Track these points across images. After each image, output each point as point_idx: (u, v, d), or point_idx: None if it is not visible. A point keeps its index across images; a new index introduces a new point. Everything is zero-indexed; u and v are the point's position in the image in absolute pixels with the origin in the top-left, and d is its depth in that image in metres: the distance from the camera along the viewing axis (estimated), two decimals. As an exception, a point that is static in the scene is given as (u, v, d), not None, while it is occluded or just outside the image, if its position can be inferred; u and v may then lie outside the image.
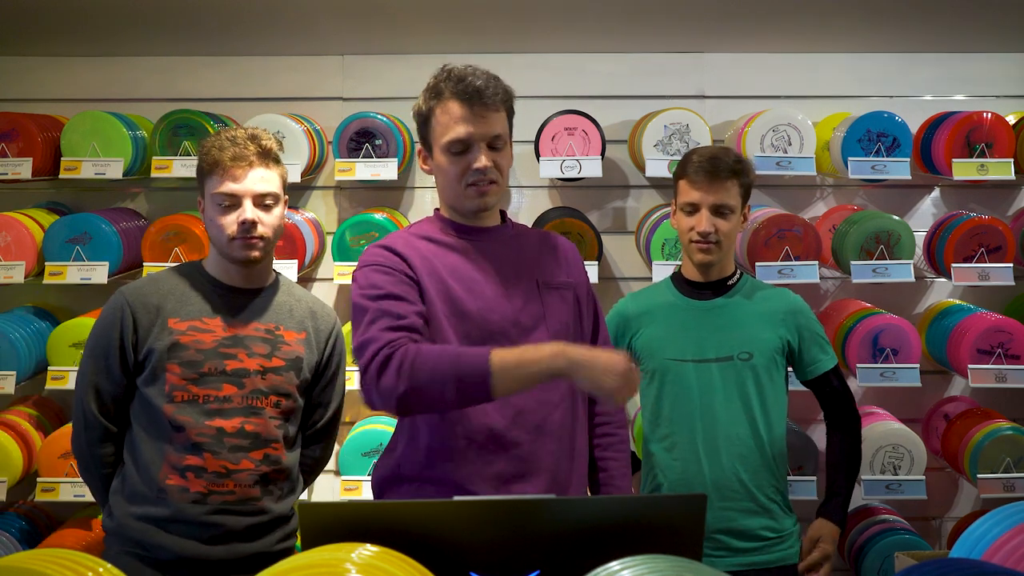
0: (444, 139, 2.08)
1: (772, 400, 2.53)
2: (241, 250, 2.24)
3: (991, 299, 3.58)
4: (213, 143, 2.25)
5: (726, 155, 2.53)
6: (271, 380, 2.25)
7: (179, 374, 2.20)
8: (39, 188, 3.61)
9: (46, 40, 3.53)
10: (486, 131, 2.08)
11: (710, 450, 2.49)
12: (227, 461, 2.19)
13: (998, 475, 3.19)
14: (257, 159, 2.24)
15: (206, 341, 2.23)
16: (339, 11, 3.21)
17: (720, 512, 2.46)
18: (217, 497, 2.19)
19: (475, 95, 2.06)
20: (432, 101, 2.11)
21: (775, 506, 2.52)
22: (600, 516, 1.49)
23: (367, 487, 3.19)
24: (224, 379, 2.21)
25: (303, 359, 2.32)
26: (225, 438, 2.19)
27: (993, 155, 3.28)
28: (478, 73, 2.09)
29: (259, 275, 2.33)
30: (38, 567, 1.21)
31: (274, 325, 2.30)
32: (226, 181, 2.22)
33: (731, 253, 2.61)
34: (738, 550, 2.48)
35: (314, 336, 2.36)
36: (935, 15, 3.30)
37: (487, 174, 2.09)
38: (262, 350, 2.26)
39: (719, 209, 2.50)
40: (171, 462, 2.19)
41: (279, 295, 2.36)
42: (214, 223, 2.25)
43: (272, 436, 2.25)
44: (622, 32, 3.47)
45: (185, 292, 2.28)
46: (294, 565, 1.19)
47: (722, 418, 2.49)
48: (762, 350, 2.53)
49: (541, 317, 2.13)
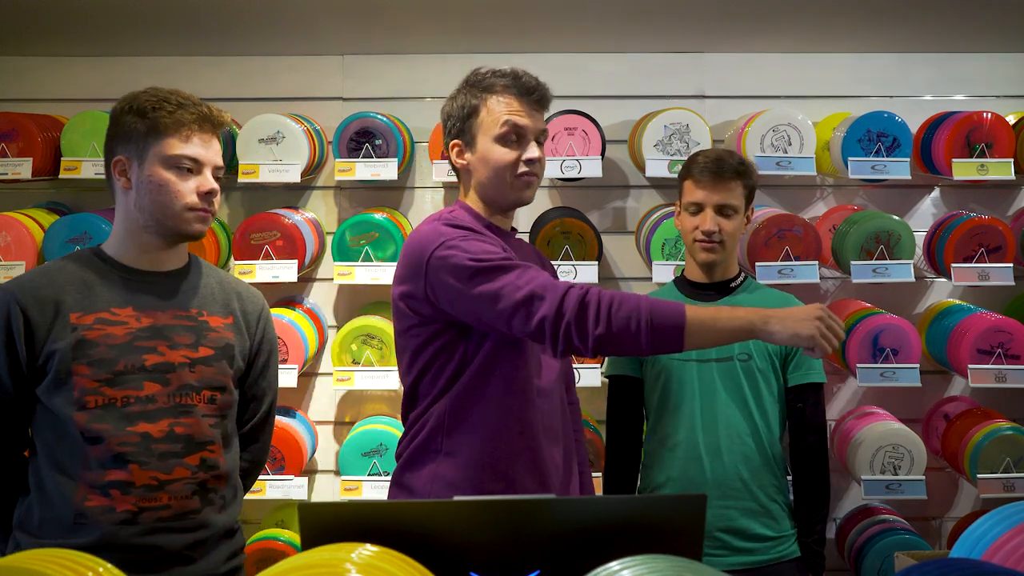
0: (500, 129, 2.14)
1: (769, 402, 2.54)
2: (196, 223, 1.99)
3: (991, 299, 3.58)
4: (164, 99, 1.98)
5: (730, 156, 2.56)
6: (201, 372, 1.98)
7: (89, 375, 1.89)
8: (39, 188, 3.60)
9: (46, 40, 3.52)
10: (539, 126, 2.18)
11: (712, 449, 2.50)
12: (158, 471, 1.91)
13: (998, 475, 3.19)
14: (217, 129, 2.04)
15: (117, 334, 1.92)
16: (339, 11, 3.21)
17: (721, 511, 2.47)
18: (150, 515, 1.90)
19: (531, 91, 2.16)
20: (483, 94, 2.17)
21: (775, 506, 2.53)
22: (600, 516, 1.49)
23: (367, 487, 3.20)
24: (144, 376, 1.92)
25: (234, 346, 2.06)
26: (152, 444, 1.91)
27: (993, 155, 3.28)
28: (526, 72, 2.20)
29: (175, 256, 2.05)
30: (38, 567, 1.21)
31: (196, 311, 2.02)
32: (190, 144, 1.97)
33: (734, 254, 2.63)
34: (738, 549, 2.48)
35: (242, 319, 2.10)
36: (935, 15, 3.30)
37: (535, 166, 2.17)
38: (186, 339, 1.98)
39: (723, 209, 2.52)
40: (88, 481, 1.89)
41: (197, 277, 2.08)
42: (165, 189, 1.95)
43: (207, 437, 1.98)
44: (622, 32, 3.47)
45: (86, 281, 1.96)
46: (294, 565, 1.19)
47: (723, 418, 2.51)
48: (760, 352, 2.54)
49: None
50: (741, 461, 2.50)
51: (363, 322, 3.29)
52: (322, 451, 3.55)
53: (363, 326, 3.27)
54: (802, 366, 2.57)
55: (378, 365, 3.26)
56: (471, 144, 2.19)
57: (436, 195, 3.65)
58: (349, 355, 3.25)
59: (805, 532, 2.54)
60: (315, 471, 3.57)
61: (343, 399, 3.59)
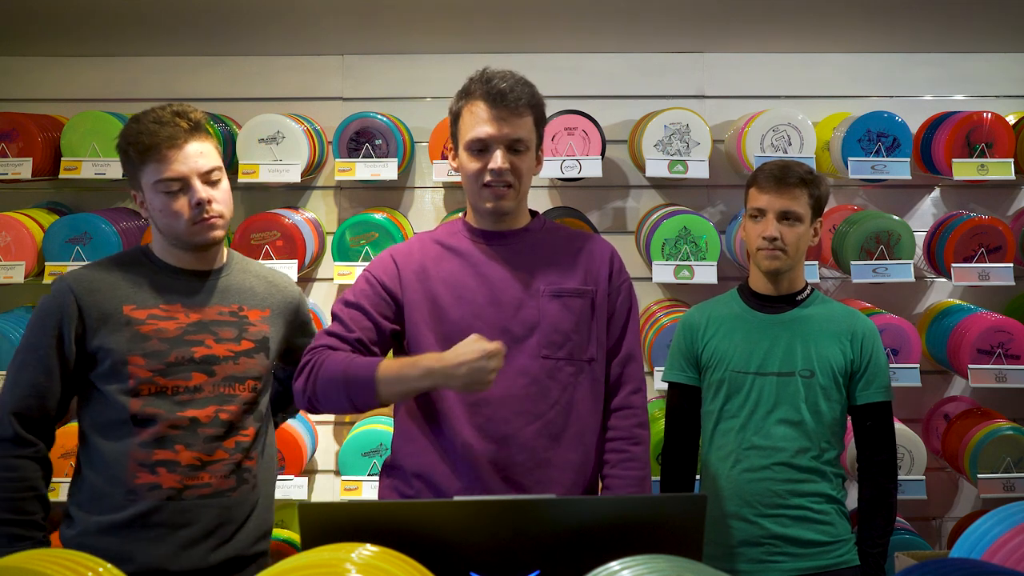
0: (466, 138, 2.14)
1: (828, 418, 2.49)
2: (203, 232, 2.12)
3: (991, 299, 3.58)
4: (139, 129, 2.09)
5: (798, 166, 2.52)
6: (244, 364, 2.17)
7: (143, 366, 2.08)
8: (39, 188, 3.61)
9: (46, 40, 3.52)
10: (506, 133, 2.11)
11: (763, 460, 2.47)
12: (201, 452, 2.09)
13: (998, 475, 3.19)
14: (190, 133, 2.10)
15: (169, 329, 2.11)
16: (339, 11, 3.21)
17: (774, 519, 2.45)
18: (192, 491, 2.09)
19: (498, 97, 2.10)
20: (462, 100, 2.17)
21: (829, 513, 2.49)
22: (600, 516, 1.49)
23: (367, 487, 3.20)
24: (193, 367, 2.11)
25: (270, 338, 2.24)
26: (199, 429, 2.10)
27: (993, 155, 3.28)
28: (507, 76, 2.14)
29: (213, 256, 2.22)
30: (38, 567, 1.21)
31: (237, 306, 2.21)
32: (166, 164, 2.07)
33: (800, 266, 2.57)
34: (793, 555, 2.45)
35: (278, 310, 2.29)
36: (935, 15, 3.30)
37: (502, 176, 2.12)
38: (229, 334, 2.17)
39: (786, 216, 2.47)
40: (138, 459, 2.07)
41: (236, 274, 2.26)
42: (165, 212, 2.10)
43: (244, 422, 2.17)
44: (622, 32, 3.47)
45: (137, 279, 2.15)
46: (294, 565, 1.19)
47: (776, 431, 2.47)
48: (824, 369, 2.49)
49: (535, 326, 2.14)
50: (791, 472, 2.47)
51: (363, 322, 3.29)
52: (322, 451, 3.55)
53: (363, 326, 3.27)
54: (871, 385, 2.52)
55: (378, 365, 3.26)
56: (456, 149, 2.20)
57: (436, 195, 3.65)
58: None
59: (869, 544, 2.50)
60: (315, 471, 3.57)
61: (343, 399, 3.58)
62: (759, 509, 2.46)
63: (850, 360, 2.51)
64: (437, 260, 2.19)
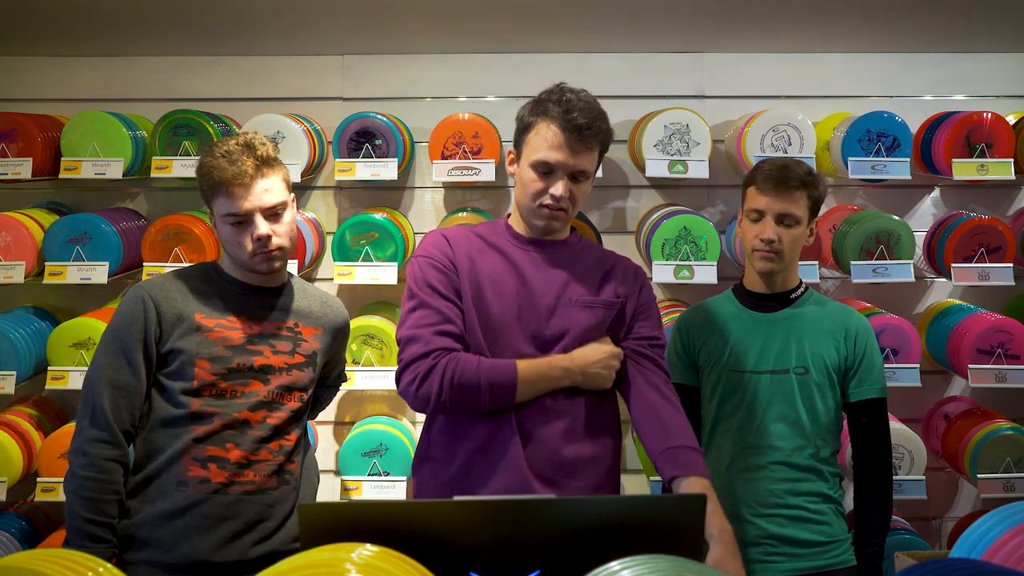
0: (533, 157, 2.18)
1: (824, 415, 2.49)
2: (262, 263, 2.29)
3: (991, 299, 3.58)
4: (211, 164, 2.25)
5: (797, 166, 2.51)
6: (296, 376, 2.34)
7: (208, 369, 2.25)
8: (39, 188, 3.61)
9: (46, 40, 3.53)
10: (574, 164, 2.18)
11: (758, 460, 2.47)
12: (248, 452, 2.25)
13: (998, 475, 3.19)
14: (257, 170, 2.24)
15: (234, 338, 2.28)
16: (339, 11, 3.21)
17: (769, 519, 2.45)
18: (237, 487, 2.24)
19: (575, 130, 2.16)
20: (536, 116, 2.21)
21: (825, 513, 2.48)
22: (600, 516, 1.49)
23: (367, 487, 3.20)
24: (251, 375, 2.28)
25: (318, 353, 2.41)
26: (249, 430, 2.26)
27: (993, 155, 3.28)
28: (586, 108, 2.18)
29: (277, 276, 2.40)
30: (38, 567, 1.21)
31: (293, 323, 2.38)
32: (232, 201, 2.23)
33: (795, 265, 2.58)
34: (790, 555, 2.45)
35: (328, 329, 2.46)
36: (935, 15, 3.30)
37: (560, 203, 2.19)
38: (285, 347, 2.34)
39: (784, 218, 2.48)
40: (192, 454, 2.23)
41: (295, 293, 2.44)
42: (231, 241, 2.29)
43: (288, 429, 2.33)
44: (622, 32, 3.47)
45: (207, 291, 2.33)
46: (294, 565, 1.19)
47: (772, 429, 2.48)
48: (818, 366, 2.50)
49: (565, 333, 2.21)
50: (788, 471, 2.47)
51: (363, 322, 3.29)
52: (322, 451, 3.55)
53: (363, 326, 3.27)
54: (865, 382, 2.52)
55: (378, 365, 3.26)
56: (519, 158, 2.25)
57: (436, 195, 3.65)
58: (349, 355, 3.25)
59: (866, 543, 2.49)
60: (315, 471, 3.57)
61: (343, 399, 3.59)
62: (756, 509, 2.46)
63: (844, 356, 2.51)
64: (481, 252, 2.26)
